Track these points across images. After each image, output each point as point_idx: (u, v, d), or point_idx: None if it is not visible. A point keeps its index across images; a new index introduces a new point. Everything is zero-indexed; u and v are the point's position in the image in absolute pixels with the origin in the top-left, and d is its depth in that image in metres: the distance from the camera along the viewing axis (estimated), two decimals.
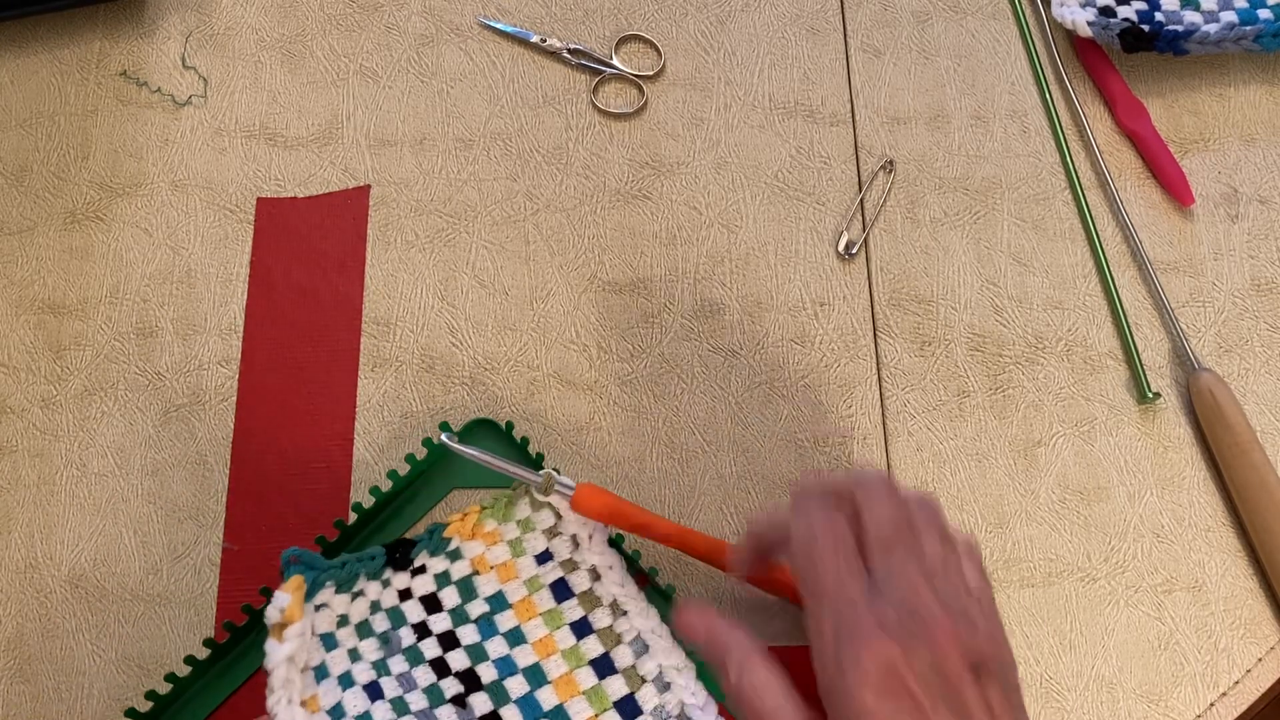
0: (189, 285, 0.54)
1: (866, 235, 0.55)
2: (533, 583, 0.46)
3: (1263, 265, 0.55)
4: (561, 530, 0.47)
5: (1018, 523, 0.50)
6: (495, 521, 0.47)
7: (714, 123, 0.58)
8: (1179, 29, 0.56)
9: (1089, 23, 0.56)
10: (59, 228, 0.55)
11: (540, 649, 0.45)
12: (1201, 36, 0.56)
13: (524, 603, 0.46)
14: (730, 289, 0.54)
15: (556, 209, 0.56)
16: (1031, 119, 0.58)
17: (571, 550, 0.47)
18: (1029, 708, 0.47)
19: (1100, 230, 0.55)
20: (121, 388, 0.52)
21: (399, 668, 0.44)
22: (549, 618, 0.46)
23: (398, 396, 0.52)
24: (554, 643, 0.45)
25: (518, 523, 0.47)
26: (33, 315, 0.54)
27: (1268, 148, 0.57)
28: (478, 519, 0.47)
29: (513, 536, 0.47)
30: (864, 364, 0.53)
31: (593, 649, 0.45)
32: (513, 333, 0.53)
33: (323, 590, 0.43)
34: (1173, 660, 0.48)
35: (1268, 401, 0.52)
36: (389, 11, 0.60)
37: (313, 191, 0.56)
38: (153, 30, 0.59)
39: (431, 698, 0.43)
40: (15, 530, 0.50)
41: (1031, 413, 0.52)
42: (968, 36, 0.59)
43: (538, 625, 0.45)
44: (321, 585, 0.43)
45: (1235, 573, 0.49)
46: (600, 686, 0.44)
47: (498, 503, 0.48)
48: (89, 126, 0.57)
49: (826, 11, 0.60)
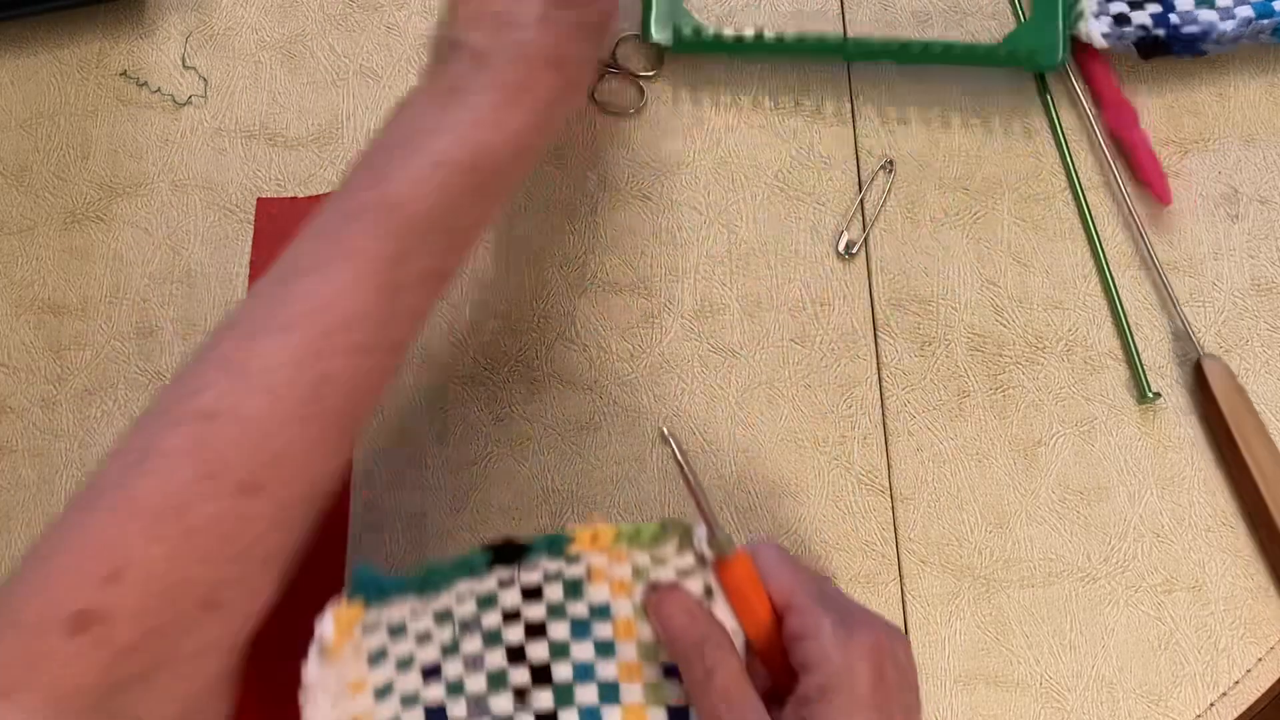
0: (189, 285, 0.54)
1: (866, 235, 0.55)
2: (644, 609, 0.43)
3: (1263, 265, 0.55)
4: (697, 575, 0.42)
5: (1018, 523, 0.50)
6: (627, 546, 0.43)
7: (714, 123, 0.58)
8: (1195, 30, 0.56)
9: (1104, 34, 0.56)
10: (59, 228, 0.55)
11: (624, 671, 0.42)
12: (1219, 35, 0.56)
13: (627, 623, 0.42)
14: (730, 289, 0.54)
15: (556, 209, 0.56)
16: (1032, 119, 0.58)
17: (701, 597, 0.42)
18: (1029, 709, 0.47)
19: (1100, 230, 0.55)
20: (121, 388, 0.52)
21: (471, 647, 0.42)
22: (646, 649, 0.42)
23: (398, 396, 0.52)
24: (641, 672, 0.42)
25: (652, 555, 0.42)
26: (33, 315, 0.54)
27: (1268, 148, 0.57)
28: (612, 540, 0.42)
29: (643, 563, 0.43)
30: (864, 364, 0.53)
31: (674, 696, 0.42)
32: (513, 333, 0.53)
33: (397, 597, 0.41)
34: (1173, 660, 0.48)
35: (1268, 401, 0.52)
36: (389, 11, 0.60)
37: (313, 191, 0.56)
38: (153, 30, 0.59)
39: (493, 684, 0.42)
40: (15, 530, 0.50)
41: (1031, 412, 0.52)
42: (968, 36, 0.59)
43: (631, 648, 0.42)
44: (392, 600, 0.40)
45: (1235, 573, 0.49)
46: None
47: (639, 534, 0.42)
48: (89, 126, 0.57)
49: (827, 11, 0.60)
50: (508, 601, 0.42)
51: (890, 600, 0.49)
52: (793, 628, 0.39)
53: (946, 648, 0.48)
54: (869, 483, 0.51)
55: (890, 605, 0.49)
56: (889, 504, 0.50)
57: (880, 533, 0.50)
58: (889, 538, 0.50)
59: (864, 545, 0.50)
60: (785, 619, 0.40)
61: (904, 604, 0.49)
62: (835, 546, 0.50)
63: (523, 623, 0.42)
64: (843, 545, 0.50)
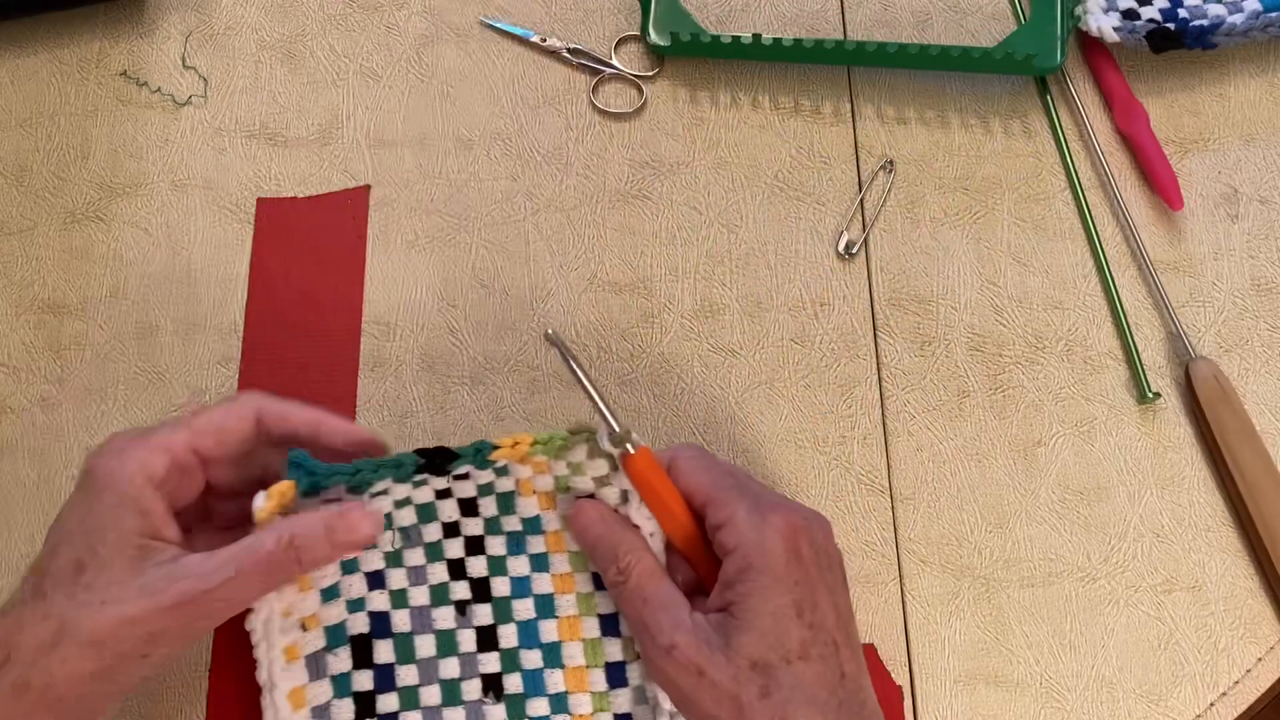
0: (189, 285, 0.54)
1: (866, 235, 0.55)
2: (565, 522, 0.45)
3: (1263, 265, 0.55)
4: (613, 482, 0.44)
5: (1018, 523, 0.50)
6: (546, 456, 0.45)
7: (714, 123, 0.58)
8: (1204, 23, 0.56)
9: (1115, 28, 0.56)
10: (59, 228, 0.55)
11: (558, 583, 0.45)
12: (1228, 28, 0.56)
13: (557, 535, 0.45)
14: (730, 289, 0.54)
15: (556, 209, 0.56)
16: (1031, 119, 0.58)
17: (619, 503, 0.44)
18: (1029, 709, 0.47)
19: (1100, 230, 0.55)
20: (121, 388, 0.52)
21: (414, 560, 0.44)
22: (575, 559, 0.45)
23: (398, 396, 0.52)
24: (573, 583, 0.45)
25: (568, 464, 0.45)
26: (33, 315, 0.54)
27: (1268, 148, 0.57)
28: (529, 449, 0.44)
29: (561, 473, 0.45)
30: (864, 364, 0.53)
31: (606, 606, 0.45)
32: (513, 333, 0.53)
33: (331, 490, 0.42)
34: (1173, 660, 0.48)
35: (1268, 401, 0.52)
36: (389, 11, 0.60)
37: (313, 191, 0.56)
38: (153, 30, 0.59)
39: (435, 596, 0.44)
40: (15, 530, 0.50)
41: (1031, 413, 0.52)
42: (968, 37, 0.59)
43: (563, 560, 0.45)
44: (324, 488, 0.41)
45: (1235, 573, 0.49)
46: (600, 642, 0.44)
47: (552, 439, 0.44)
48: (89, 126, 0.57)
49: (827, 11, 0.60)
50: (446, 514, 0.45)
51: (890, 600, 0.49)
52: (712, 519, 0.41)
53: (946, 648, 0.48)
54: (869, 483, 0.51)
55: (890, 605, 0.49)
56: (889, 504, 0.50)
57: (880, 533, 0.50)
58: (889, 538, 0.50)
59: (864, 545, 0.50)
60: (706, 513, 0.41)
61: (904, 604, 0.49)
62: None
63: (462, 538, 0.45)
64: (843, 545, 0.49)
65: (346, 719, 0.42)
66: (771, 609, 0.38)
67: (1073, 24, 0.57)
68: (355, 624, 0.43)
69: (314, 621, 0.43)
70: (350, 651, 0.43)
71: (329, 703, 0.42)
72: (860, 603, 0.49)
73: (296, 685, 0.42)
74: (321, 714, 0.42)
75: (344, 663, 0.43)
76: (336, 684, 0.43)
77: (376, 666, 0.43)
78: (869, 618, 0.48)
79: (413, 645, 0.43)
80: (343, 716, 0.42)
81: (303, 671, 0.42)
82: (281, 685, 0.42)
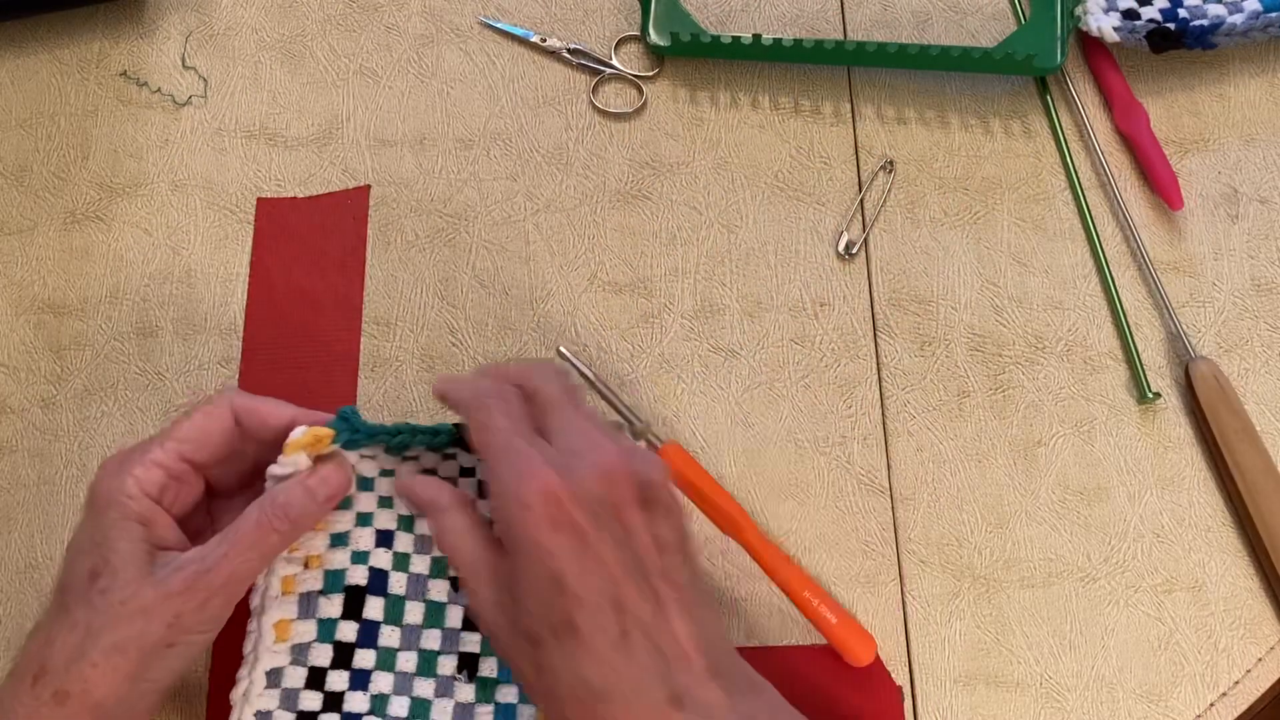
0: (189, 285, 0.54)
1: (866, 235, 0.55)
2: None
3: (1263, 265, 0.55)
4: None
5: (1018, 523, 0.50)
6: None
7: (714, 123, 0.58)
8: (1204, 23, 0.56)
9: (1115, 28, 0.56)
10: (59, 228, 0.55)
11: None
12: (1228, 28, 0.56)
13: None
14: (730, 289, 0.54)
15: (556, 209, 0.56)
16: (1031, 119, 0.58)
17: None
18: (1029, 709, 0.47)
19: (1100, 230, 0.55)
20: (121, 388, 0.52)
21: (423, 528, 0.45)
22: None
23: (398, 396, 0.52)
24: None
25: None
26: (33, 315, 0.54)
27: (1268, 148, 0.57)
28: None
29: None
30: (864, 364, 0.53)
31: None
32: (513, 333, 0.53)
33: (370, 446, 0.44)
34: (1173, 660, 0.48)
35: (1268, 401, 0.52)
36: (389, 11, 0.60)
37: (313, 191, 0.56)
38: (153, 30, 0.59)
39: (435, 568, 0.45)
40: (15, 530, 0.50)
41: (1031, 413, 0.52)
42: (968, 37, 0.59)
43: None
44: (362, 445, 0.43)
45: (1235, 573, 0.49)
46: None
47: None
48: (89, 126, 0.57)
49: (827, 11, 0.60)
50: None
51: (890, 600, 0.49)
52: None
53: (946, 648, 0.48)
54: (869, 483, 0.51)
55: (890, 605, 0.49)
56: (889, 504, 0.50)
57: (880, 533, 0.50)
58: (889, 538, 0.50)
59: (864, 545, 0.50)
60: None
61: (904, 604, 0.49)
62: (835, 546, 0.50)
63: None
64: (843, 545, 0.50)
65: (322, 663, 0.43)
66: (531, 584, 0.37)
67: (1073, 24, 0.57)
68: (354, 575, 0.44)
69: (316, 562, 0.44)
70: (343, 600, 0.43)
71: (310, 644, 0.43)
72: (860, 603, 0.49)
73: (285, 618, 0.43)
74: (300, 652, 0.43)
75: (334, 608, 0.43)
76: (322, 627, 0.43)
77: (363, 621, 0.43)
78: (869, 618, 0.48)
79: (403, 609, 0.44)
80: (319, 660, 0.43)
81: (294, 606, 0.43)
82: (271, 612, 0.43)
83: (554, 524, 0.36)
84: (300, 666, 0.43)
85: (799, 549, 0.50)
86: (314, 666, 0.43)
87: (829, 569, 0.49)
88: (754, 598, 0.49)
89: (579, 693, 0.36)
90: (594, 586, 0.36)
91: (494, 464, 0.39)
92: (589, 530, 0.36)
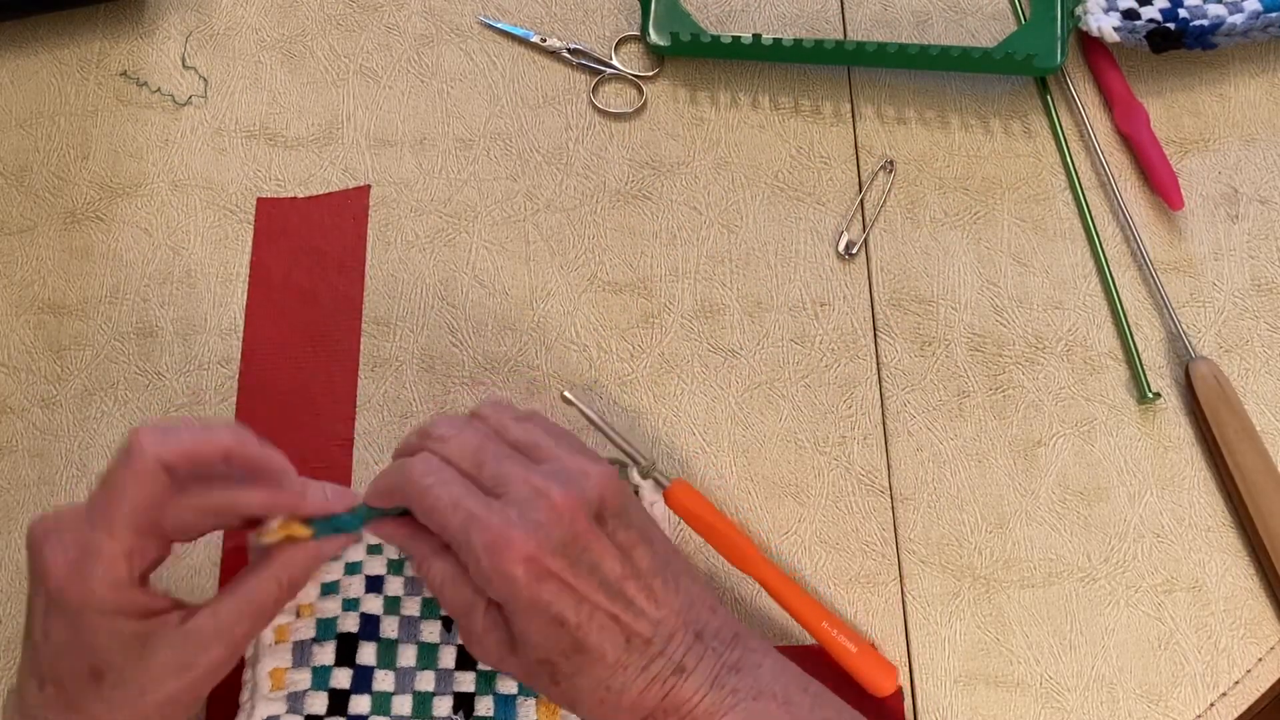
0: (189, 285, 0.54)
1: (866, 235, 0.55)
2: None
3: (1263, 265, 0.55)
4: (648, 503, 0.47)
5: (1018, 523, 0.50)
6: None
7: (714, 123, 0.58)
8: (1204, 23, 0.56)
9: (1115, 28, 0.56)
10: (59, 228, 0.55)
11: None
12: (1228, 29, 0.56)
13: None
14: (730, 289, 0.54)
15: (556, 209, 0.56)
16: (1031, 119, 0.58)
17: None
18: (1029, 709, 0.47)
19: (1100, 230, 0.55)
20: (121, 388, 0.52)
21: (412, 571, 0.45)
22: None
23: (398, 396, 0.52)
24: None
25: None
26: (33, 315, 0.54)
27: (1268, 148, 0.57)
28: None
29: None
30: (864, 364, 0.53)
31: None
32: (513, 333, 0.53)
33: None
34: (1173, 660, 0.48)
35: (1268, 401, 0.52)
36: (389, 11, 0.60)
37: (313, 191, 0.56)
38: (153, 30, 0.59)
39: (426, 609, 0.45)
40: (15, 530, 0.50)
41: (1031, 413, 0.52)
42: (967, 37, 0.59)
43: None
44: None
45: (1235, 573, 0.49)
46: None
47: None
48: (89, 126, 0.57)
49: (826, 11, 0.60)
50: None
51: (890, 600, 0.49)
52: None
53: (947, 648, 0.48)
54: (869, 483, 0.51)
55: (890, 605, 0.49)
56: (889, 504, 0.50)
57: (880, 533, 0.50)
58: (889, 538, 0.50)
59: (864, 545, 0.50)
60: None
61: (904, 604, 0.49)
62: (835, 546, 0.50)
63: None
64: (843, 545, 0.50)
65: (318, 711, 0.43)
66: (535, 630, 0.39)
67: (1073, 24, 0.57)
68: (346, 622, 0.44)
69: (309, 610, 0.44)
70: (335, 647, 0.44)
71: (305, 691, 0.43)
72: (860, 603, 0.49)
73: (279, 666, 0.43)
74: (296, 700, 0.43)
75: (327, 656, 0.43)
76: (316, 675, 0.43)
77: (357, 666, 0.43)
78: (869, 618, 0.48)
79: (396, 652, 0.44)
80: (315, 708, 0.43)
81: (288, 654, 0.43)
82: (266, 661, 0.43)
83: (540, 579, 0.38)
84: (296, 715, 0.43)
85: (799, 549, 0.50)
86: (310, 715, 0.43)
87: (829, 569, 0.49)
88: (754, 598, 0.49)
89: (599, 694, 0.39)
90: (590, 612, 0.39)
91: (460, 540, 0.39)
92: (569, 572, 0.38)
